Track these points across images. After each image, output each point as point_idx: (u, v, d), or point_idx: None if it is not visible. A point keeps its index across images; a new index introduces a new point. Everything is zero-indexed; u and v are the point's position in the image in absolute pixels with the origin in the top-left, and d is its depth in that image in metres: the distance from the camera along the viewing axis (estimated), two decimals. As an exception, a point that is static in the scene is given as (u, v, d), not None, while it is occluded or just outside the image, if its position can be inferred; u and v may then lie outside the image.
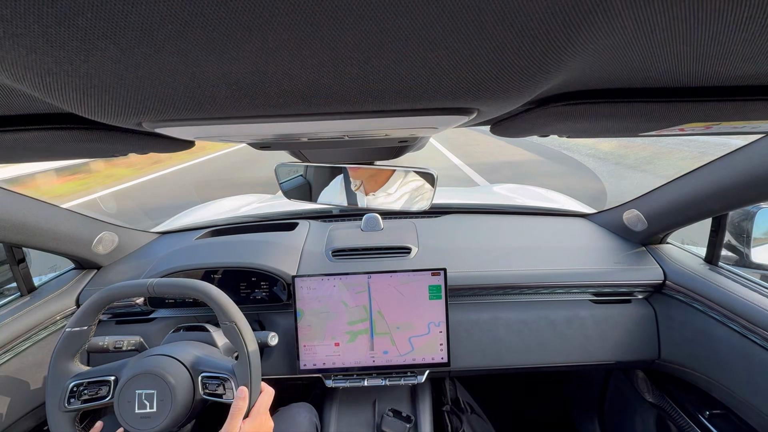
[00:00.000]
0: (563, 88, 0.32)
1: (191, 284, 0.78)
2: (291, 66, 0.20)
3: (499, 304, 1.09)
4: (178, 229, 1.38)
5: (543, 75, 0.22)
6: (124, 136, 0.39)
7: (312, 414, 1.00)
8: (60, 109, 0.29)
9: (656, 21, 0.19)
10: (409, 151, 0.69)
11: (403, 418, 0.98)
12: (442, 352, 1.01)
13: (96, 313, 0.78)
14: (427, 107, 0.27)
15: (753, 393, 0.83)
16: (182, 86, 0.22)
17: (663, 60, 0.24)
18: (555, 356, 1.05)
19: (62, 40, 0.17)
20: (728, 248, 1.05)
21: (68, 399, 0.74)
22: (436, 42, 0.18)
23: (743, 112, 0.33)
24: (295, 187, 0.78)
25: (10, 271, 1.03)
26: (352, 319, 1.02)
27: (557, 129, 0.43)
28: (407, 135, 0.43)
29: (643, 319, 1.06)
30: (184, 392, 0.75)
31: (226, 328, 0.77)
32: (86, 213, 1.10)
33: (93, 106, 0.24)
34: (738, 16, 0.18)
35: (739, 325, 0.86)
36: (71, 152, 0.47)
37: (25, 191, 0.91)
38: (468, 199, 1.68)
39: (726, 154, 0.82)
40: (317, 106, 0.26)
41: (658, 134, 0.43)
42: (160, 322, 1.09)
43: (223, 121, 0.29)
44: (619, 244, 1.17)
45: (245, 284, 1.07)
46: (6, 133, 0.35)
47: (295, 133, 0.36)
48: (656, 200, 1.05)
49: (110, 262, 1.20)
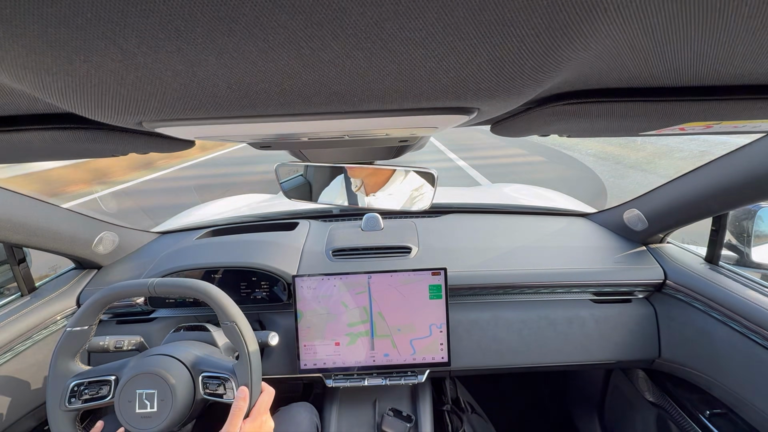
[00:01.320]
0: (564, 88, 0.31)
1: (192, 284, 0.78)
2: (291, 65, 0.20)
3: (500, 304, 1.09)
4: (178, 229, 1.38)
5: (544, 74, 0.22)
6: (124, 135, 0.39)
7: (312, 414, 1.00)
8: (60, 109, 0.29)
9: (657, 20, 0.19)
10: (409, 151, 0.69)
11: (404, 417, 0.98)
12: (443, 351, 1.01)
13: (96, 313, 0.78)
14: (428, 107, 0.27)
15: (753, 392, 0.83)
16: (182, 86, 0.22)
17: (663, 59, 0.24)
18: (555, 356, 1.05)
19: (62, 40, 0.17)
20: (729, 247, 1.05)
21: (69, 398, 0.74)
22: (437, 41, 0.18)
23: (744, 112, 0.33)
24: (295, 187, 0.78)
25: (11, 271, 1.03)
26: (352, 321, 1.02)
27: (558, 128, 0.43)
28: (407, 134, 0.43)
29: (643, 319, 1.06)
30: (185, 392, 0.75)
31: (226, 327, 0.77)
32: (86, 213, 1.10)
33: (93, 105, 0.24)
34: (739, 14, 0.18)
35: (739, 325, 0.86)
36: (71, 152, 0.47)
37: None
38: (468, 199, 1.68)
39: (726, 153, 0.82)
40: (317, 105, 0.26)
41: (659, 134, 0.43)
42: (161, 322, 1.09)
43: (223, 120, 0.29)
44: (620, 244, 1.17)
45: (245, 284, 1.07)
46: (5, 133, 0.35)
47: (296, 132, 0.36)
48: (657, 200, 1.05)
49: (111, 262, 1.20)
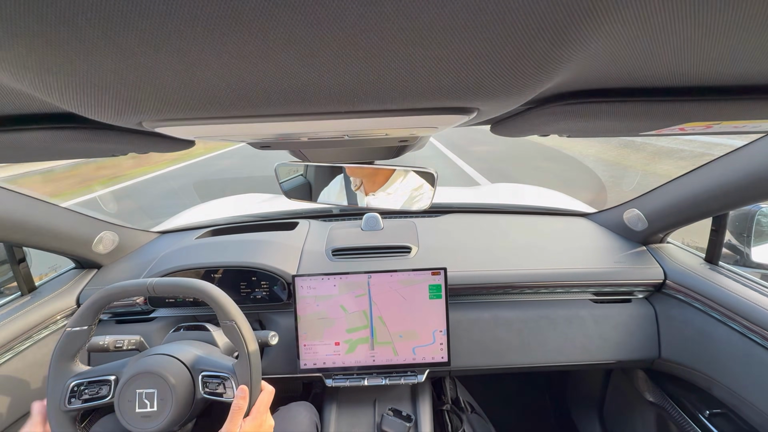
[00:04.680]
0: (564, 88, 0.31)
1: (190, 283, 0.78)
2: (291, 65, 0.20)
3: (500, 304, 1.09)
4: (178, 229, 1.39)
5: (543, 74, 0.22)
6: (124, 135, 0.39)
7: (312, 413, 1.00)
8: (60, 109, 0.29)
9: (657, 19, 0.19)
10: (409, 151, 0.69)
11: (404, 417, 0.98)
12: (443, 351, 1.01)
13: (96, 313, 0.78)
14: (427, 107, 0.27)
15: (753, 392, 0.83)
16: (182, 86, 0.22)
17: (664, 59, 0.24)
18: (555, 356, 1.05)
19: (62, 40, 0.17)
20: (729, 247, 1.05)
21: (69, 399, 0.74)
22: (437, 41, 0.18)
23: (744, 112, 0.33)
24: (295, 187, 0.78)
25: (11, 270, 1.03)
26: (352, 327, 1.01)
27: (557, 128, 0.43)
28: (407, 134, 0.43)
29: (643, 319, 1.06)
30: (185, 391, 0.75)
31: (225, 326, 0.77)
32: (86, 212, 1.10)
33: (93, 105, 0.24)
34: (739, 14, 0.18)
35: (739, 325, 0.86)
36: (71, 152, 0.47)
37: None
38: (468, 199, 1.68)
39: (727, 153, 0.82)
40: (317, 105, 0.26)
41: (659, 134, 0.43)
42: (161, 322, 1.09)
43: (223, 120, 0.29)
44: (620, 244, 1.17)
45: (245, 284, 1.07)
46: (5, 133, 0.35)
47: (295, 132, 0.36)
48: (657, 199, 1.05)
49: (111, 261, 1.20)
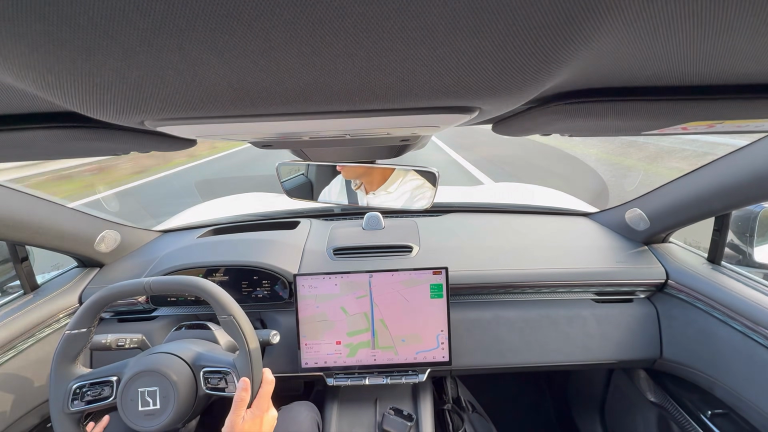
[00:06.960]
0: (566, 87, 0.31)
1: (187, 281, 0.79)
2: (293, 64, 0.20)
3: (501, 303, 1.09)
4: (180, 228, 1.39)
5: (546, 73, 0.22)
6: (126, 134, 0.39)
7: (314, 412, 1.00)
8: (62, 108, 0.29)
9: (660, 18, 0.19)
10: (410, 150, 0.69)
11: (405, 416, 0.98)
12: (444, 350, 1.01)
13: (95, 315, 0.78)
14: (429, 106, 0.27)
15: (755, 392, 0.83)
16: (184, 85, 0.22)
17: (666, 58, 0.24)
18: (556, 355, 1.05)
19: (64, 39, 0.17)
20: (731, 247, 1.05)
21: (71, 401, 0.75)
22: (439, 40, 0.18)
23: (747, 111, 0.33)
24: (296, 186, 0.78)
25: (13, 268, 1.03)
26: (353, 330, 0.99)
27: (559, 127, 0.43)
28: (409, 134, 0.43)
29: (645, 319, 1.06)
30: (187, 388, 0.75)
31: (224, 322, 0.77)
32: (89, 211, 1.10)
33: (95, 104, 0.24)
34: (743, 12, 0.18)
35: (741, 325, 0.86)
36: (73, 151, 0.47)
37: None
38: (469, 198, 1.68)
39: (729, 152, 0.81)
40: (319, 104, 0.26)
41: (661, 133, 0.43)
42: (162, 320, 1.10)
43: (224, 120, 0.29)
44: (622, 243, 1.17)
45: (247, 283, 1.07)
46: (7, 132, 0.35)
47: (297, 131, 0.36)
48: (659, 199, 1.04)
49: (113, 260, 1.21)
